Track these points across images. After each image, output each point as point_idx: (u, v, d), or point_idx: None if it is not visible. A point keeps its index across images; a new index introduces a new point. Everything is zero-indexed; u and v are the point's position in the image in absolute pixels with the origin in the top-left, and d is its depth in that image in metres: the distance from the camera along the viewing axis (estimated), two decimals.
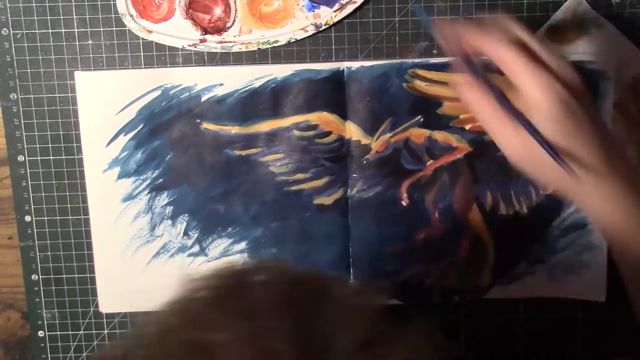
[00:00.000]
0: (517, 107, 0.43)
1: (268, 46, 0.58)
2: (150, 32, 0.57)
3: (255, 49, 0.58)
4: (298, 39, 0.58)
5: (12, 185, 0.61)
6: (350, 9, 0.58)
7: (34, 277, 0.62)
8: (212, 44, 0.58)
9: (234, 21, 0.57)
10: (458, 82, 0.45)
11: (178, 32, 0.58)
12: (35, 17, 0.58)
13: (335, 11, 0.57)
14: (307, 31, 0.58)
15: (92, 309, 0.63)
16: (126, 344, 0.32)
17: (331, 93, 0.59)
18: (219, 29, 0.57)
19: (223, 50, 0.58)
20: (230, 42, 0.57)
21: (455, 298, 0.62)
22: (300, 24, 0.58)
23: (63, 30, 0.58)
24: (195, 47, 0.58)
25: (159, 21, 0.57)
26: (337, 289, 0.33)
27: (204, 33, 0.57)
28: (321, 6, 0.57)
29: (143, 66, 0.59)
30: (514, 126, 0.43)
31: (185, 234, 0.61)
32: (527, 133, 0.43)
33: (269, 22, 0.57)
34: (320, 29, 0.58)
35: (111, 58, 0.59)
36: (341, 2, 0.57)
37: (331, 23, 0.58)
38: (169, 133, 0.59)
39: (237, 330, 0.29)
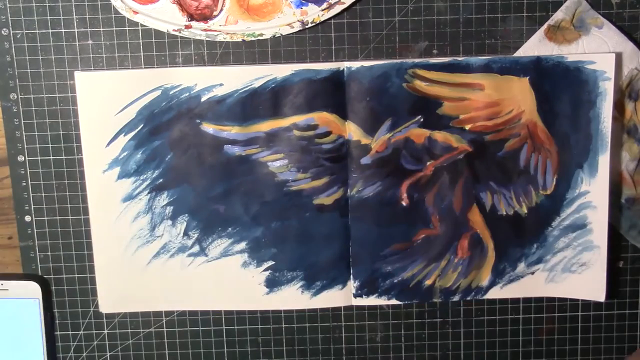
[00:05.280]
0: None
1: (252, 38, 0.58)
2: (136, 12, 0.57)
3: (240, 40, 0.58)
4: (283, 34, 0.58)
5: (12, 185, 0.61)
6: (338, 9, 0.58)
7: None
8: (197, 31, 0.57)
9: (221, 10, 0.57)
10: None
11: (164, 15, 0.57)
12: (35, 17, 0.58)
13: (322, 10, 0.57)
14: (293, 27, 0.58)
15: (92, 309, 0.63)
16: None
17: (331, 93, 0.59)
18: (205, 17, 0.57)
19: (207, 39, 0.58)
20: (215, 30, 0.57)
21: (455, 298, 0.62)
22: (286, 20, 0.58)
23: (63, 30, 0.58)
24: (180, 32, 0.58)
25: (146, 2, 0.57)
26: None
27: (189, 19, 0.57)
28: (309, 4, 0.57)
29: (143, 66, 0.59)
30: None
31: (185, 234, 0.61)
32: None
33: (256, 14, 0.57)
34: (307, 27, 0.58)
35: (111, 58, 0.59)
36: (329, 1, 0.57)
37: (318, 21, 0.58)
38: (169, 133, 0.59)
39: None
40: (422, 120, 0.59)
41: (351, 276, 0.62)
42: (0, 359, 0.62)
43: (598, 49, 0.59)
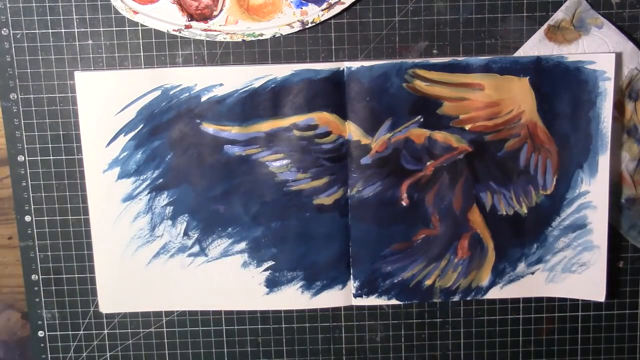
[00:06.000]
0: None
1: (252, 38, 0.58)
2: (136, 12, 0.57)
3: (240, 40, 0.58)
4: (283, 34, 0.58)
5: (12, 185, 0.61)
6: (338, 9, 0.58)
7: (34, 277, 0.62)
8: (197, 31, 0.58)
9: (221, 10, 0.57)
10: None
11: (164, 15, 0.57)
12: (35, 17, 0.58)
13: (322, 10, 0.57)
14: (293, 27, 0.58)
15: (92, 309, 0.63)
16: None
17: (331, 93, 0.59)
18: (205, 17, 0.57)
19: (207, 39, 0.58)
20: (215, 30, 0.57)
21: (455, 298, 0.62)
22: (286, 20, 0.58)
23: (63, 30, 0.58)
24: (180, 32, 0.58)
25: (146, 2, 0.57)
26: None
27: (189, 19, 0.57)
28: (309, 4, 0.57)
29: (143, 66, 0.59)
30: None
31: (185, 234, 0.61)
32: None
33: (256, 14, 0.57)
34: (307, 27, 0.58)
35: (111, 58, 0.59)
36: (329, 1, 0.57)
37: (318, 21, 0.58)
38: (169, 133, 0.59)
39: None
40: (422, 120, 0.59)
41: (351, 276, 0.62)
42: None
43: (598, 49, 0.59)
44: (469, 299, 0.63)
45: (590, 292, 0.62)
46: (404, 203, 0.60)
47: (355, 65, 0.58)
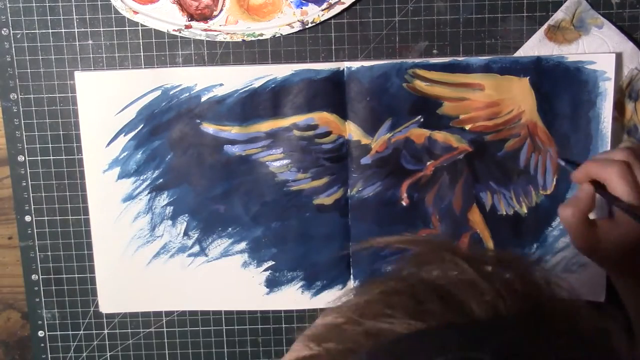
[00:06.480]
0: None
1: (253, 38, 0.58)
2: (136, 12, 0.57)
3: (240, 40, 0.58)
4: (284, 34, 0.58)
5: (12, 185, 0.61)
6: (338, 9, 0.58)
7: (34, 277, 0.62)
8: (197, 31, 0.58)
9: (221, 10, 0.57)
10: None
11: (164, 15, 0.57)
12: (35, 17, 0.58)
13: (322, 10, 0.57)
14: (293, 27, 0.58)
15: (92, 309, 0.63)
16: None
17: (331, 93, 0.59)
18: (205, 17, 0.57)
19: (207, 39, 0.58)
20: (215, 30, 0.57)
21: None
22: (286, 20, 0.58)
23: (63, 30, 0.58)
24: (180, 32, 0.58)
25: (146, 2, 0.57)
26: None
27: (190, 19, 0.57)
28: (309, 4, 0.57)
29: (143, 66, 0.59)
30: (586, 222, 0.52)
31: (186, 234, 0.61)
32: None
33: (256, 14, 0.57)
34: (307, 27, 0.58)
35: (111, 58, 0.59)
36: (329, 1, 0.57)
37: (318, 21, 0.58)
38: (169, 133, 0.59)
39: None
40: (422, 120, 0.59)
41: (351, 276, 0.62)
42: None
43: (598, 49, 0.59)
44: None
45: (589, 292, 0.62)
46: (404, 203, 0.60)
47: (355, 65, 0.58)
